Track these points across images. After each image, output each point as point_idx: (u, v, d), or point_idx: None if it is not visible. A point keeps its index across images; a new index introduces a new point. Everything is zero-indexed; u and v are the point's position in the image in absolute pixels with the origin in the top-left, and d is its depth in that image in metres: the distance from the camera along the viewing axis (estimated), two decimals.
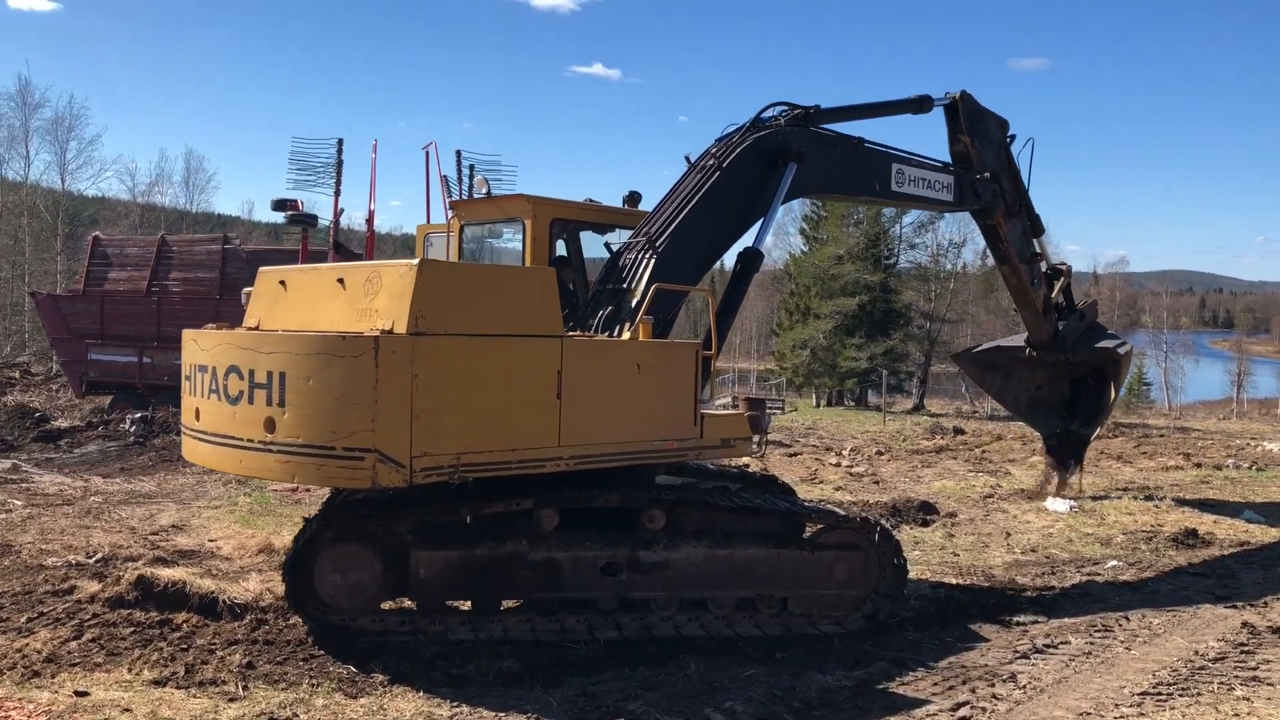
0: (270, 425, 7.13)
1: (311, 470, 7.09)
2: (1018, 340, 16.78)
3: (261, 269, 8.55)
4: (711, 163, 10.11)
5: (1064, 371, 16.49)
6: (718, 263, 11.28)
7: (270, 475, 7.49)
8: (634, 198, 10.58)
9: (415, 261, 7.12)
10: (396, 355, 6.81)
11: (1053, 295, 15.59)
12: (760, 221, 10.30)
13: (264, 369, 7.18)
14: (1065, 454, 16.52)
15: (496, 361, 7.34)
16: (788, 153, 10.38)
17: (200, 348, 7.94)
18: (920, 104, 12.95)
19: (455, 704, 6.79)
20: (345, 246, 19.98)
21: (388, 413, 6.80)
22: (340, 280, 7.52)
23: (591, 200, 10.21)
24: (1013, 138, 14.43)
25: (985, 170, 13.70)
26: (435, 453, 7.02)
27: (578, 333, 8.66)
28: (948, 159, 13.63)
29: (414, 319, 6.92)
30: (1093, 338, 16.38)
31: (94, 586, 8.98)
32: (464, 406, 7.14)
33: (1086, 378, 16.37)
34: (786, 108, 10.88)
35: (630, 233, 10.11)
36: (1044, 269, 15.41)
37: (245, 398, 7.32)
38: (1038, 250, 15.17)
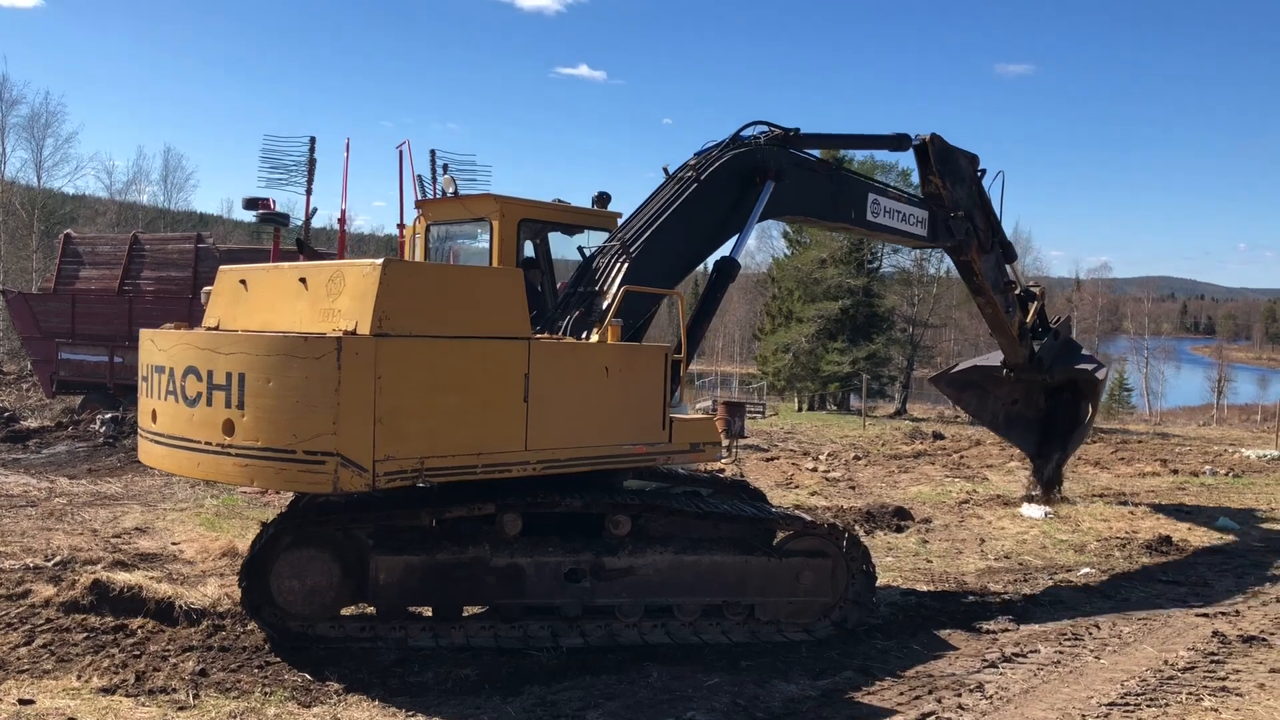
0: (229, 428, 6.95)
1: (271, 474, 6.92)
2: (994, 359, 16.82)
3: (221, 268, 8.40)
4: (690, 174, 10.12)
5: (1039, 387, 16.55)
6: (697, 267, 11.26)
7: (228, 479, 7.31)
8: (603, 199, 10.49)
9: (379, 261, 6.98)
10: (360, 357, 6.66)
11: (1027, 319, 15.68)
12: (735, 237, 10.32)
13: (223, 370, 7.00)
14: (1048, 475, 16.59)
15: (462, 363, 7.20)
16: (765, 171, 10.39)
17: (158, 348, 7.72)
18: (899, 142, 13.16)
19: (411, 713, 6.64)
20: (309, 245, 19.69)
21: (350, 415, 6.65)
22: (302, 280, 7.37)
23: (560, 201, 10.10)
24: (983, 172, 14.59)
25: (958, 209, 13.81)
26: (399, 456, 6.88)
27: (544, 335, 8.54)
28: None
29: (378, 320, 6.78)
30: (1069, 357, 16.49)
31: (49, 590, 8.79)
32: (428, 409, 7.00)
33: (1063, 391, 16.44)
34: (767, 127, 10.93)
35: (598, 234, 10.06)
36: (1018, 292, 15.51)
37: (204, 399, 7.12)
38: (1011, 278, 15.29)
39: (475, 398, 7.27)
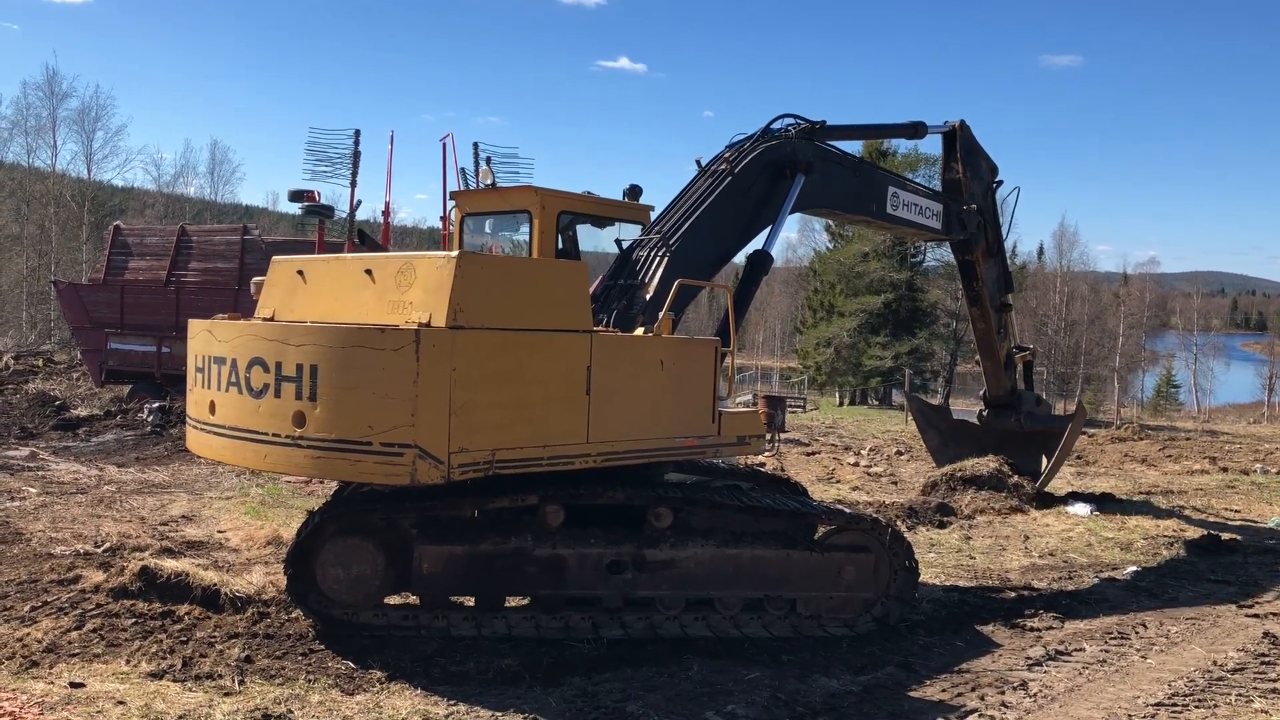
0: (300, 420, 6.93)
1: (345, 466, 6.91)
2: (970, 419, 17.12)
3: (275, 259, 8.45)
4: (724, 168, 10.35)
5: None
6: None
7: (299, 471, 7.29)
8: (634, 191, 10.54)
9: (454, 254, 7.01)
10: (437, 349, 6.69)
11: (1016, 357, 15.97)
12: (769, 229, 10.55)
13: (293, 361, 6.98)
14: None
15: (530, 356, 7.24)
16: (796, 164, 10.67)
17: (217, 339, 7.68)
18: (915, 129, 13.59)
19: (453, 702, 6.68)
20: (369, 235, 19.86)
21: (428, 407, 6.67)
22: (369, 271, 7.40)
23: (590, 193, 10.15)
24: (1000, 183, 14.88)
25: (973, 202, 14.06)
26: (472, 449, 6.91)
27: (602, 328, 8.56)
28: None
29: (453, 312, 6.80)
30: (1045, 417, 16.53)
31: (99, 576, 8.95)
32: (499, 402, 7.03)
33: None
34: (794, 120, 11.20)
35: (630, 227, 10.23)
36: (1012, 347, 15.89)
37: (271, 391, 7.10)
38: (1008, 302, 15.56)
39: (542, 390, 7.30)
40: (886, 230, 14.38)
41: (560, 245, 9.69)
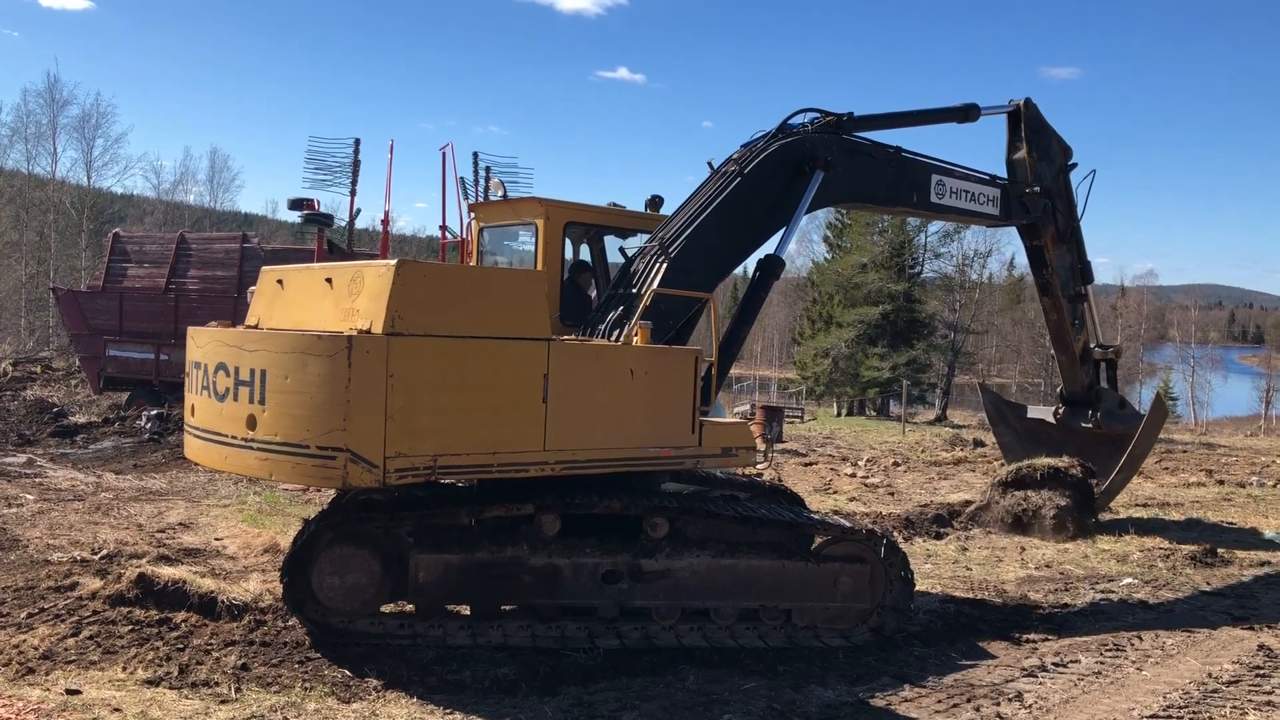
0: (251, 422, 7.20)
1: (287, 468, 7.13)
2: (1045, 413, 16.16)
3: (264, 268, 8.56)
4: (733, 168, 9.97)
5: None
6: (739, 270, 11.16)
7: (250, 472, 7.53)
8: (655, 202, 10.45)
9: (393, 262, 7.13)
10: (371, 355, 6.80)
11: (1095, 353, 15.05)
12: (782, 230, 10.15)
13: (248, 367, 7.26)
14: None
15: (478, 363, 7.30)
16: (814, 160, 10.18)
17: (196, 345, 8.08)
18: (966, 113, 12.51)
19: (448, 711, 6.70)
20: (339, 246, 19.89)
21: (360, 412, 6.79)
22: (329, 280, 7.53)
23: (615, 205, 10.10)
24: (1074, 166, 13.98)
25: (1038, 185, 13.20)
26: (410, 454, 6.99)
27: (570, 336, 8.56)
28: (990, 171, 13.22)
29: (391, 319, 6.92)
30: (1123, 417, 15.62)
31: (96, 583, 8.95)
32: (442, 408, 7.10)
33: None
34: (817, 114, 10.71)
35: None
36: (1093, 345, 14.98)
37: (231, 395, 7.41)
38: (1083, 291, 14.60)
39: (491, 397, 7.34)
40: (936, 218, 13.64)
41: (586, 257, 9.67)
